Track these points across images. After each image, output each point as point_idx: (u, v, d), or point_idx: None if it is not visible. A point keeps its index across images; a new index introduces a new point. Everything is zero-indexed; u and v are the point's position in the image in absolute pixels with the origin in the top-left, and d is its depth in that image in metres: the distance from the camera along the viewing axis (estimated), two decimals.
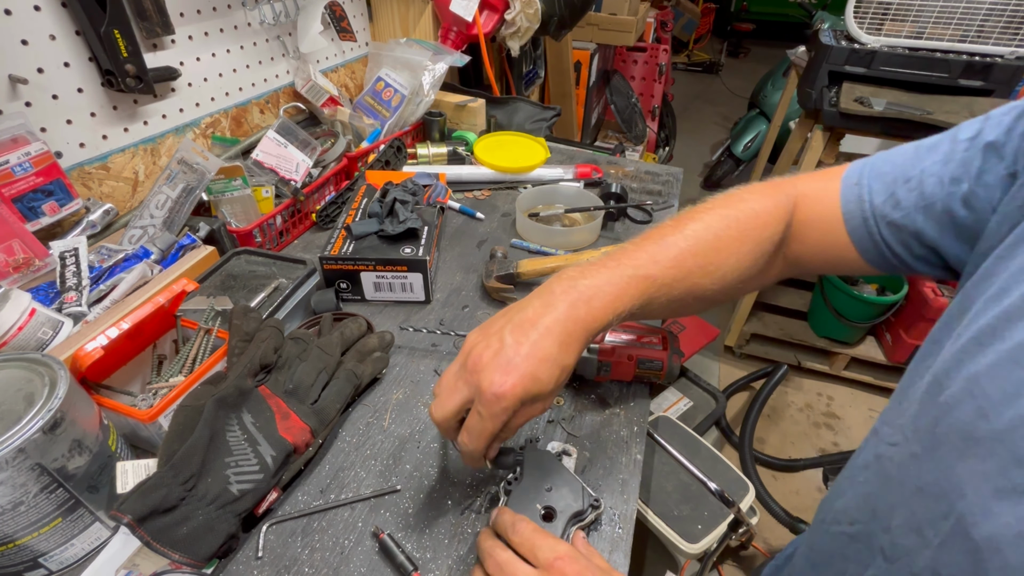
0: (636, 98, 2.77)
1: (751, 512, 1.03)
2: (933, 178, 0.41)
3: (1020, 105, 0.38)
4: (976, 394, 0.31)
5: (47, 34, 0.66)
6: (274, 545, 0.47)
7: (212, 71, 0.88)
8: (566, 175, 1.03)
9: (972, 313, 0.34)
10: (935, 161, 0.42)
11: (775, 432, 1.79)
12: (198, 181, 0.75)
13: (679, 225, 0.47)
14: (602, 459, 0.55)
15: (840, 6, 1.46)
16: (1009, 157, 0.37)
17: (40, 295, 0.60)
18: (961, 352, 0.33)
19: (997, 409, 0.29)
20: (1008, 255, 0.34)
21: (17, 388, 0.42)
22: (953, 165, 0.40)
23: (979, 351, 0.32)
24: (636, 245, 0.46)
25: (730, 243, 0.46)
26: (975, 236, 0.40)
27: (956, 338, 0.34)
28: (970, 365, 0.32)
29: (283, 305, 0.66)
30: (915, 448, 0.35)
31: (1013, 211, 0.36)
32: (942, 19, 1.30)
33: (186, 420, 0.47)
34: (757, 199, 0.48)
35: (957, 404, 0.32)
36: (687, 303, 0.47)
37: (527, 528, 0.40)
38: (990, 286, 0.34)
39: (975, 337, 0.32)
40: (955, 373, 0.33)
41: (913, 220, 0.42)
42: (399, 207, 0.76)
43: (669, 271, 0.44)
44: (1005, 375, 0.30)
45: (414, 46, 1.09)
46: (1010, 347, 0.30)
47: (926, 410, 0.35)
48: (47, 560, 0.43)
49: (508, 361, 0.39)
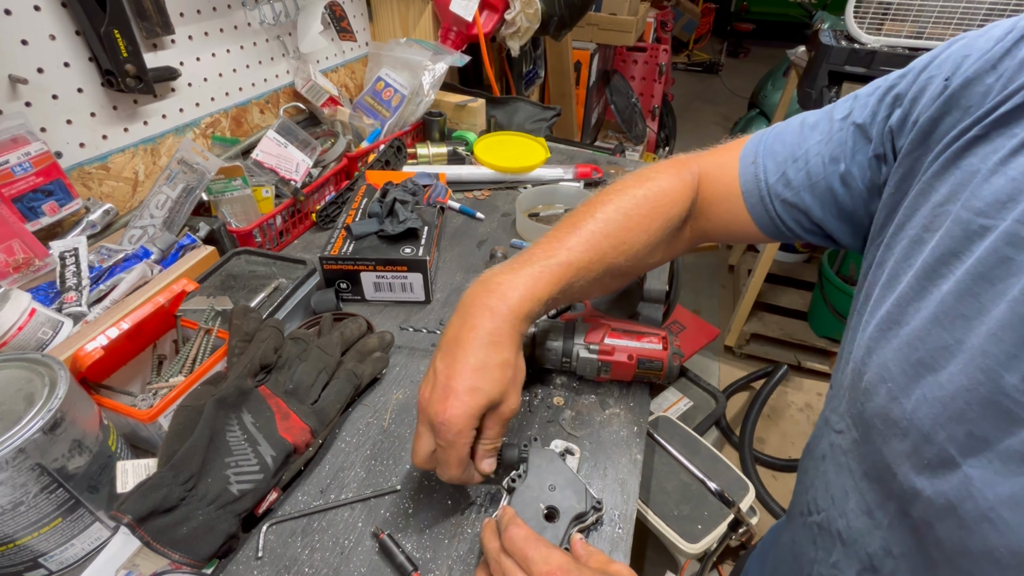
0: (636, 98, 2.77)
1: (751, 512, 1.03)
2: (817, 158, 0.44)
3: (881, 84, 0.40)
4: (887, 378, 0.32)
5: (47, 34, 0.66)
6: (274, 545, 0.47)
7: (212, 71, 0.88)
8: (566, 175, 1.03)
9: (873, 301, 0.36)
10: (818, 141, 0.44)
11: (775, 432, 1.79)
12: (198, 181, 0.75)
13: (591, 209, 0.49)
14: (602, 459, 0.55)
15: (840, 6, 1.46)
16: (876, 139, 0.40)
17: (40, 295, 0.60)
18: (870, 340, 0.35)
19: (904, 391, 0.31)
20: (893, 243, 0.36)
21: (17, 388, 0.42)
22: (832, 145, 0.43)
23: (883, 337, 0.34)
24: (551, 236, 0.48)
25: (640, 221, 0.49)
26: (852, 215, 0.43)
27: (865, 326, 0.36)
28: (879, 352, 0.34)
29: (283, 305, 0.66)
30: (855, 434, 0.37)
31: (887, 199, 0.38)
32: (942, 19, 1.30)
33: (186, 420, 0.47)
34: (664, 178, 0.51)
35: (874, 389, 0.33)
36: (605, 282, 0.50)
37: (519, 534, 0.38)
38: (883, 273, 0.36)
39: (879, 324, 0.34)
40: (868, 360, 0.34)
41: (802, 199, 0.45)
42: (399, 207, 0.76)
43: (584, 255, 0.46)
44: (906, 357, 0.31)
45: (414, 46, 1.09)
46: (907, 331, 0.32)
47: (854, 397, 0.36)
48: (47, 560, 0.43)
49: (444, 388, 0.40)
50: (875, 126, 0.40)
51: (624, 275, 0.52)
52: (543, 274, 0.44)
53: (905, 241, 0.34)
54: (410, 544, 0.47)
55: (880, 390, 0.33)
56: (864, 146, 0.41)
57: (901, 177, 0.37)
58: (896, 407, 0.31)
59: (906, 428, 0.31)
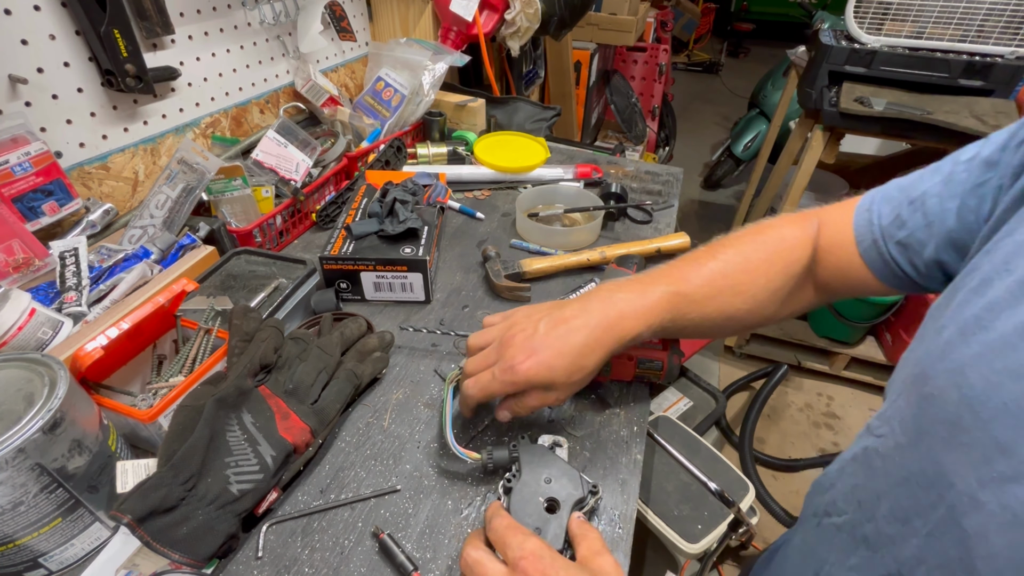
0: (636, 98, 2.77)
1: (751, 512, 1.03)
2: (934, 198, 0.43)
3: (1013, 128, 0.40)
4: (961, 384, 0.31)
5: (47, 34, 0.66)
6: (274, 545, 0.47)
7: (212, 71, 0.88)
8: (566, 175, 1.03)
9: (955, 305, 0.35)
10: (936, 182, 0.44)
11: (775, 432, 1.79)
12: (198, 181, 0.75)
13: (712, 251, 0.52)
14: (602, 459, 0.55)
15: (840, 6, 1.46)
16: (1001, 170, 0.39)
17: (40, 295, 0.60)
18: (946, 344, 0.34)
19: (981, 399, 0.30)
20: (993, 249, 0.35)
21: (17, 388, 0.42)
22: (953, 184, 0.42)
23: (963, 342, 0.32)
24: (671, 266, 0.52)
25: (760, 264, 0.51)
26: (966, 248, 0.42)
27: (940, 331, 0.35)
28: (955, 356, 0.32)
29: (283, 305, 0.66)
30: (900, 439, 0.36)
31: (999, 215, 0.38)
32: (942, 19, 1.30)
33: (186, 420, 0.47)
34: (785, 226, 0.53)
35: (942, 395, 0.32)
36: (719, 323, 0.51)
37: (501, 524, 0.39)
38: (973, 279, 0.35)
39: (960, 329, 0.33)
40: (939, 365, 0.33)
41: (917, 238, 0.44)
42: (399, 207, 0.76)
43: (700, 289, 0.49)
44: (989, 365, 0.30)
45: (414, 46, 1.09)
46: (994, 337, 0.31)
47: (910, 401, 0.35)
48: (47, 560, 0.43)
49: (533, 346, 0.46)
50: (1004, 158, 0.39)
51: (740, 320, 0.52)
52: (659, 302, 0.48)
53: (1010, 246, 0.33)
54: (410, 544, 0.47)
55: (950, 395, 0.32)
56: (989, 179, 0.40)
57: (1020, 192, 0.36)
58: (968, 414, 0.30)
59: (978, 437, 0.30)
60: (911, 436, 0.35)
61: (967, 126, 1.20)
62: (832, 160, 1.51)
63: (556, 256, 0.81)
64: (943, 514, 0.32)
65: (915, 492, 0.34)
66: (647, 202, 0.96)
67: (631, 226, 0.93)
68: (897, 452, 0.36)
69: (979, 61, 1.28)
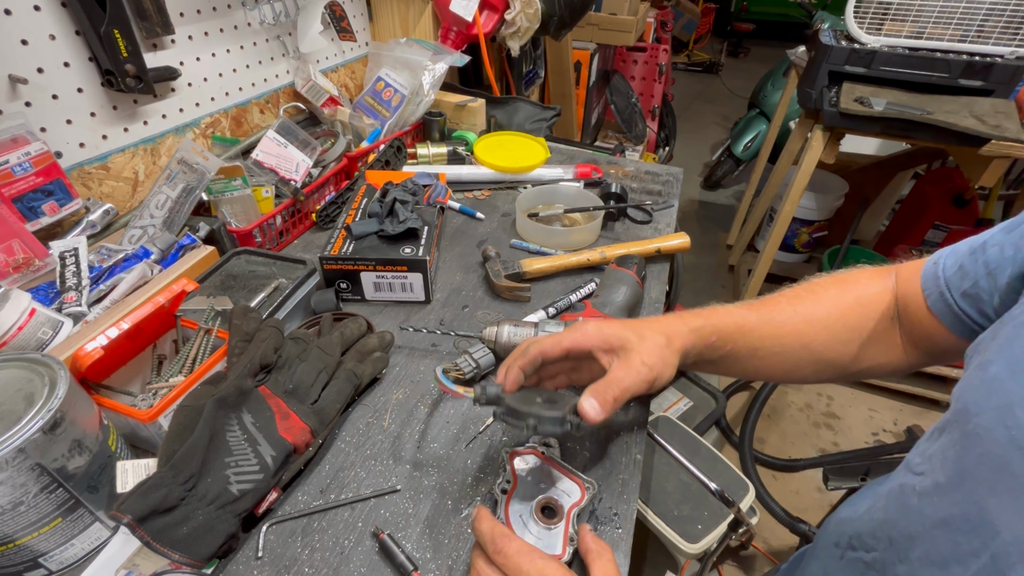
0: (636, 98, 2.77)
1: (751, 512, 1.03)
2: (995, 247, 0.43)
3: None
4: (1009, 424, 0.29)
5: (47, 34, 0.66)
6: (274, 545, 0.47)
7: (212, 71, 0.88)
8: (566, 175, 1.03)
9: (1003, 338, 0.33)
10: (998, 231, 0.44)
11: (775, 432, 1.79)
12: (198, 181, 0.75)
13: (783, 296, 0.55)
14: (602, 459, 0.55)
15: (840, 6, 1.46)
16: None
17: (40, 295, 0.60)
18: (992, 380, 0.32)
19: None
20: None
21: (17, 388, 0.42)
22: (1013, 232, 0.42)
23: (1012, 379, 0.30)
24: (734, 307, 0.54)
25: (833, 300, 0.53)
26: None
27: (985, 365, 0.33)
28: (1002, 393, 0.30)
29: (283, 305, 0.66)
30: (940, 478, 0.34)
31: None
32: (942, 19, 1.30)
33: (186, 420, 0.47)
34: (863, 279, 0.54)
35: (988, 434, 0.30)
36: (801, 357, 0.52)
37: (511, 548, 0.38)
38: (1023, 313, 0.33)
39: (1009, 364, 0.31)
40: (985, 401, 0.32)
41: (981, 287, 0.43)
42: (399, 207, 0.76)
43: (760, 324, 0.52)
44: None
45: (414, 46, 1.09)
46: None
47: (952, 439, 0.34)
48: (47, 560, 0.43)
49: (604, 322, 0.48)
50: None
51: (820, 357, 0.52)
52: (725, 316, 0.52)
53: None
54: (410, 544, 0.47)
55: (997, 435, 0.30)
56: None
57: None
58: (1018, 456, 0.28)
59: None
60: (952, 476, 0.33)
61: (967, 126, 1.20)
62: (832, 160, 1.51)
63: (556, 256, 0.81)
64: (986, 563, 0.30)
65: (955, 537, 0.32)
66: (647, 202, 0.96)
67: (631, 226, 0.93)
68: (936, 492, 0.34)
69: (979, 61, 1.28)
